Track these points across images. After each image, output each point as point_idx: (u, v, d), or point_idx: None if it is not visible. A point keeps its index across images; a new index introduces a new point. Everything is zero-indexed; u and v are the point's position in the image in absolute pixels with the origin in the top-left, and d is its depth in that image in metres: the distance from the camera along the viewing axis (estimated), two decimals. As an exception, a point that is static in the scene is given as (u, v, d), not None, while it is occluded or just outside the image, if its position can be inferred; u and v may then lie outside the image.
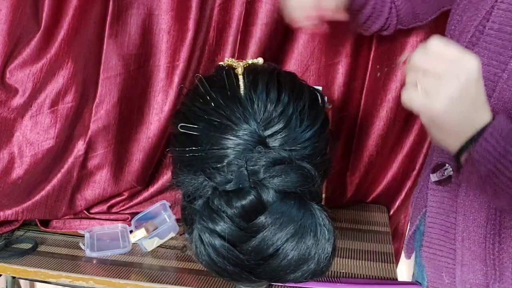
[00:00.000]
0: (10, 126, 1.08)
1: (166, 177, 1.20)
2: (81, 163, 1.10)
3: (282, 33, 1.10)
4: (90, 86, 1.07)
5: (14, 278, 1.35)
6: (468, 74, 0.49)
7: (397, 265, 1.31)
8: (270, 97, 0.52)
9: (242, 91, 0.54)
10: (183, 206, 0.57)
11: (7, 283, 1.34)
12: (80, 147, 1.09)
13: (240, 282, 0.56)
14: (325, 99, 0.61)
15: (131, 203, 1.20)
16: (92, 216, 1.18)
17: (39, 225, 1.15)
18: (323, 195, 0.70)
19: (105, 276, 0.97)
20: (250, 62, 0.59)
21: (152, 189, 1.21)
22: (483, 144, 0.51)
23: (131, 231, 1.11)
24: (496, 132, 0.51)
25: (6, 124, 1.08)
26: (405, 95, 0.52)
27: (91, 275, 0.97)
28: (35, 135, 1.08)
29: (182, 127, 0.54)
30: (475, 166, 0.53)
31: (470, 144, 0.52)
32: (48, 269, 0.99)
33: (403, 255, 1.33)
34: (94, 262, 1.03)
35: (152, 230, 1.08)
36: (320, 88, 0.92)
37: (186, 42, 1.05)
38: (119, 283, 0.96)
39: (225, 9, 1.07)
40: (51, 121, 1.08)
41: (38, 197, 1.08)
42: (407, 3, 0.87)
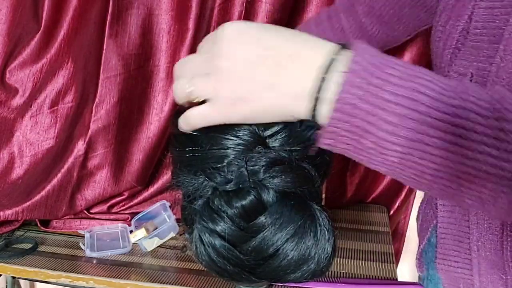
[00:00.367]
0: (10, 126, 1.08)
1: (166, 177, 1.20)
2: (81, 163, 1.10)
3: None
4: (90, 86, 1.07)
5: (14, 278, 1.35)
6: (231, 31, 0.44)
7: (397, 265, 1.31)
8: (270, 97, 0.52)
9: (242, 91, 0.54)
10: (183, 206, 0.56)
11: (7, 283, 1.34)
12: (80, 147, 1.09)
13: (240, 282, 0.56)
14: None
15: (131, 203, 1.20)
16: (92, 216, 1.18)
17: (39, 225, 1.15)
18: (323, 196, 0.70)
19: (105, 276, 0.97)
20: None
21: (152, 189, 1.21)
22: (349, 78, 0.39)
23: (131, 231, 1.11)
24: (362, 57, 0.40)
25: (6, 124, 1.08)
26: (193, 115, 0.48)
27: (91, 275, 0.97)
28: (35, 135, 1.08)
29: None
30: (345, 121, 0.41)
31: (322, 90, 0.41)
32: (48, 269, 0.99)
33: (403, 256, 1.34)
34: (94, 262, 1.03)
35: (152, 230, 1.08)
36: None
37: (186, 42, 1.05)
38: (119, 283, 0.96)
39: (225, 9, 1.07)
40: (51, 121, 1.08)
41: (38, 197, 1.08)
42: (381, 28, 0.82)
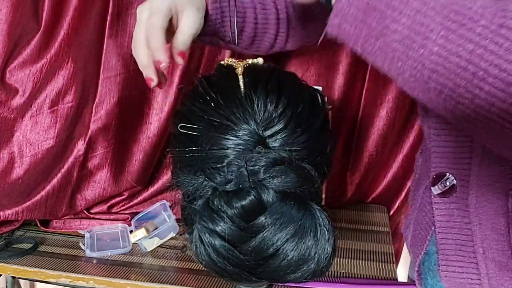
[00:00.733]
0: (10, 126, 1.08)
1: (166, 177, 1.20)
2: (81, 163, 1.10)
3: (282, 33, 1.10)
4: (90, 86, 1.07)
5: (14, 278, 1.35)
6: None
7: (397, 265, 1.31)
8: (270, 97, 0.52)
9: (242, 91, 0.54)
10: (183, 206, 0.57)
11: (7, 283, 1.34)
12: (80, 147, 1.09)
13: (240, 282, 0.56)
14: (325, 99, 0.61)
15: (131, 203, 1.20)
16: (92, 216, 1.18)
17: (39, 225, 1.15)
18: (323, 195, 0.70)
19: (105, 276, 0.97)
20: (250, 62, 0.59)
21: (152, 189, 1.21)
22: None
23: (131, 231, 1.11)
24: None
25: (6, 124, 1.08)
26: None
27: (91, 275, 0.97)
28: (35, 135, 1.08)
29: (182, 127, 0.54)
30: None
31: None
32: (48, 269, 0.99)
33: (403, 256, 1.34)
34: (94, 262, 1.03)
35: (152, 230, 1.08)
36: (320, 88, 0.92)
37: (186, 42, 1.05)
38: (119, 283, 0.96)
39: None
40: (51, 121, 1.08)
41: (38, 197, 1.08)
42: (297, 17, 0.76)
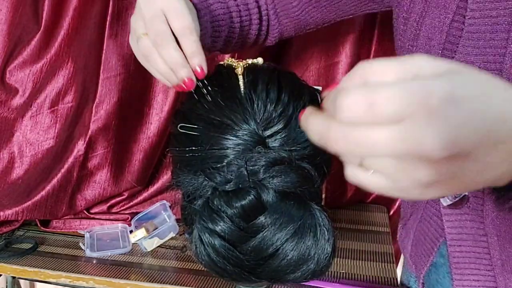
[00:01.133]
0: (10, 126, 1.08)
1: (166, 177, 1.20)
2: (81, 163, 1.10)
3: (282, 33, 1.10)
4: (90, 86, 1.07)
5: (14, 278, 1.35)
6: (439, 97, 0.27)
7: (397, 265, 1.31)
8: (270, 97, 0.52)
9: (242, 91, 0.54)
10: (183, 206, 0.57)
11: (7, 283, 1.34)
12: (80, 147, 1.09)
13: (240, 282, 0.56)
14: (325, 99, 0.61)
15: (131, 203, 1.20)
16: (92, 216, 1.18)
17: (39, 225, 1.15)
18: (323, 195, 0.70)
19: (105, 276, 0.97)
20: (250, 62, 0.59)
21: (152, 189, 1.21)
22: None
23: (131, 231, 1.11)
24: None
25: (6, 124, 1.08)
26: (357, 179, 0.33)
27: (91, 275, 0.97)
28: (35, 135, 1.08)
29: (182, 127, 0.54)
30: None
31: None
32: (48, 269, 0.99)
33: (403, 255, 1.33)
34: (94, 262, 1.03)
35: (152, 230, 1.08)
36: (320, 88, 0.92)
37: (186, 42, 1.05)
38: (119, 283, 0.96)
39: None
40: (51, 121, 1.08)
41: (38, 197, 1.08)
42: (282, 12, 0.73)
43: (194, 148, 0.52)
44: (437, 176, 0.30)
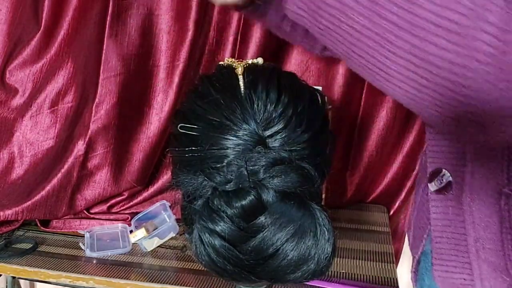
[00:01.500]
0: (10, 126, 1.08)
1: (166, 177, 1.20)
2: (81, 163, 1.10)
3: (282, 33, 1.10)
4: (90, 86, 1.07)
5: (14, 278, 1.35)
6: None
7: (397, 265, 1.31)
8: (270, 97, 0.52)
9: (242, 91, 0.54)
10: (183, 206, 0.57)
11: (7, 283, 1.34)
12: (80, 147, 1.09)
13: (240, 282, 0.56)
14: (325, 99, 0.61)
15: (131, 203, 1.20)
16: (92, 216, 1.18)
17: (39, 225, 1.15)
18: (323, 195, 0.70)
19: (105, 276, 0.97)
20: (250, 62, 0.59)
21: (152, 189, 1.21)
22: None
23: (131, 231, 1.11)
24: None
25: (6, 124, 1.08)
26: None
27: (91, 275, 0.97)
28: (35, 135, 1.08)
29: (182, 127, 0.54)
30: None
31: None
32: (48, 269, 0.99)
33: (403, 256, 1.34)
34: (94, 262, 1.03)
35: (152, 230, 1.08)
36: (320, 88, 0.92)
37: (186, 42, 1.05)
38: (119, 283, 0.96)
39: (225, 9, 1.07)
40: (51, 121, 1.08)
41: (38, 197, 1.08)
42: None
43: (194, 148, 0.52)
44: None
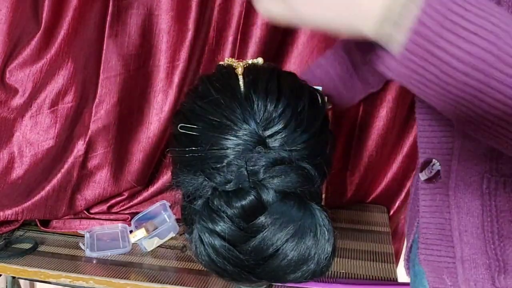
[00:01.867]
0: (10, 126, 1.08)
1: (166, 177, 1.20)
2: (81, 163, 1.10)
3: (282, 33, 1.10)
4: (90, 86, 1.07)
5: (14, 278, 1.35)
6: None
7: (397, 265, 1.31)
8: (270, 97, 0.52)
9: (242, 91, 0.54)
10: (183, 206, 0.56)
11: (7, 283, 1.34)
12: (80, 147, 1.09)
13: (240, 282, 0.56)
14: (325, 99, 0.61)
15: (131, 203, 1.20)
16: (92, 216, 1.18)
17: (39, 225, 1.15)
18: (323, 195, 0.70)
19: (105, 276, 0.97)
20: (250, 62, 0.59)
21: (152, 189, 1.21)
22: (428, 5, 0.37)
23: (131, 231, 1.11)
24: None
25: (6, 124, 1.08)
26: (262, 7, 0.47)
27: (91, 275, 0.97)
28: (35, 135, 1.08)
29: (182, 127, 0.53)
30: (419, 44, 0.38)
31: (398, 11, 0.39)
32: (48, 269, 0.99)
33: (403, 256, 1.34)
34: (94, 262, 1.03)
35: (152, 230, 1.08)
36: (320, 88, 0.92)
37: (186, 42, 1.05)
38: (119, 283, 0.96)
39: (225, 9, 1.07)
40: (51, 121, 1.08)
41: (38, 197, 1.08)
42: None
43: (194, 148, 0.52)
44: None
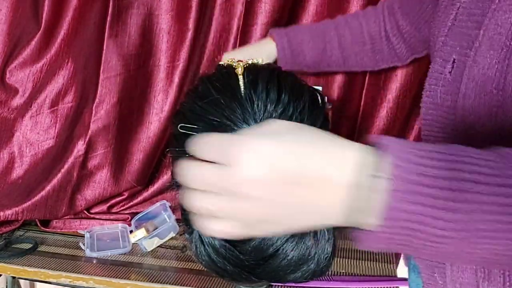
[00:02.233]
0: (10, 126, 1.08)
1: (166, 177, 1.20)
2: (81, 163, 1.10)
3: (282, 33, 1.10)
4: (90, 86, 1.07)
5: (14, 278, 1.35)
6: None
7: (397, 265, 1.30)
8: (270, 97, 0.52)
9: (242, 91, 0.54)
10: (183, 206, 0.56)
11: (7, 283, 1.34)
12: (80, 147, 1.09)
13: (240, 282, 0.56)
14: (325, 99, 0.61)
15: (131, 203, 1.20)
16: (92, 216, 1.18)
17: (39, 225, 1.15)
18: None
19: (105, 276, 0.97)
20: (250, 62, 0.59)
21: (152, 189, 1.21)
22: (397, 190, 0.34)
23: (131, 231, 1.11)
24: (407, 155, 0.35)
25: (6, 124, 1.08)
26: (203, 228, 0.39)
27: (91, 275, 0.97)
28: (35, 135, 1.08)
29: (182, 127, 0.53)
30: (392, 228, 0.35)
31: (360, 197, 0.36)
32: (48, 269, 0.99)
33: (403, 255, 1.33)
34: (94, 262, 1.03)
35: (152, 230, 1.08)
36: (320, 88, 0.92)
37: (186, 42, 1.05)
38: (119, 283, 0.96)
39: (225, 9, 1.07)
40: (51, 121, 1.08)
41: (38, 197, 1.08)
42: (411, 29, 0.85)
43: (194, 148, 0.52)
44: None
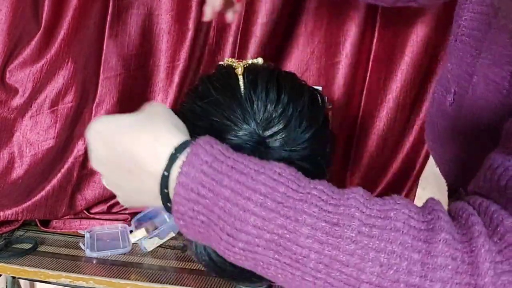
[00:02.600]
0: (10, 126, 1.08)
1: (166, 177, 1.20)
2: (81, 163, 1.10)
3: (282, 33, 1.10)
4: (90, 86, 1.07)
5: (14, 278, 1.35)
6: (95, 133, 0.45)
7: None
8: (270, 97, 0.52)
9: (242, 91, 0.54)
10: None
11: (7, 283, 1.34)
12: (80, 147, 1.09)
13: (240, 282, 0.56)
14: (325, 99, 0.61)
15: (131, 203, 1.20)
16: (92, 216, 1.18)
17: (39, 225, 1.15)
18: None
19: (105, 276, 0.97)
20: (250, 62, 0.59)
21: (152, 189, 1.21)
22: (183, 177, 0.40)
23: (131, 231, 1.11)
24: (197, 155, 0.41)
25: (6, 124, 1.08)
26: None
27: (91, 275, 0.97)
28: (35, 135, 1.08)
29: (182, 127, 0.53)
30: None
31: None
32: (48, 269, 0.99)
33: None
34: (94, 262, 1.03)
35: (152, 230, 1.08)
36: (320, 88, 0.92)
37: (186, 42, 1.05)
38: (119, 283, 0.96)
39: (225, 9, 1.07)
40: (51, 121, 1.08)
41: (38, 197, 1.08)
42: None
43: (194, 148, 0.52)
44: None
